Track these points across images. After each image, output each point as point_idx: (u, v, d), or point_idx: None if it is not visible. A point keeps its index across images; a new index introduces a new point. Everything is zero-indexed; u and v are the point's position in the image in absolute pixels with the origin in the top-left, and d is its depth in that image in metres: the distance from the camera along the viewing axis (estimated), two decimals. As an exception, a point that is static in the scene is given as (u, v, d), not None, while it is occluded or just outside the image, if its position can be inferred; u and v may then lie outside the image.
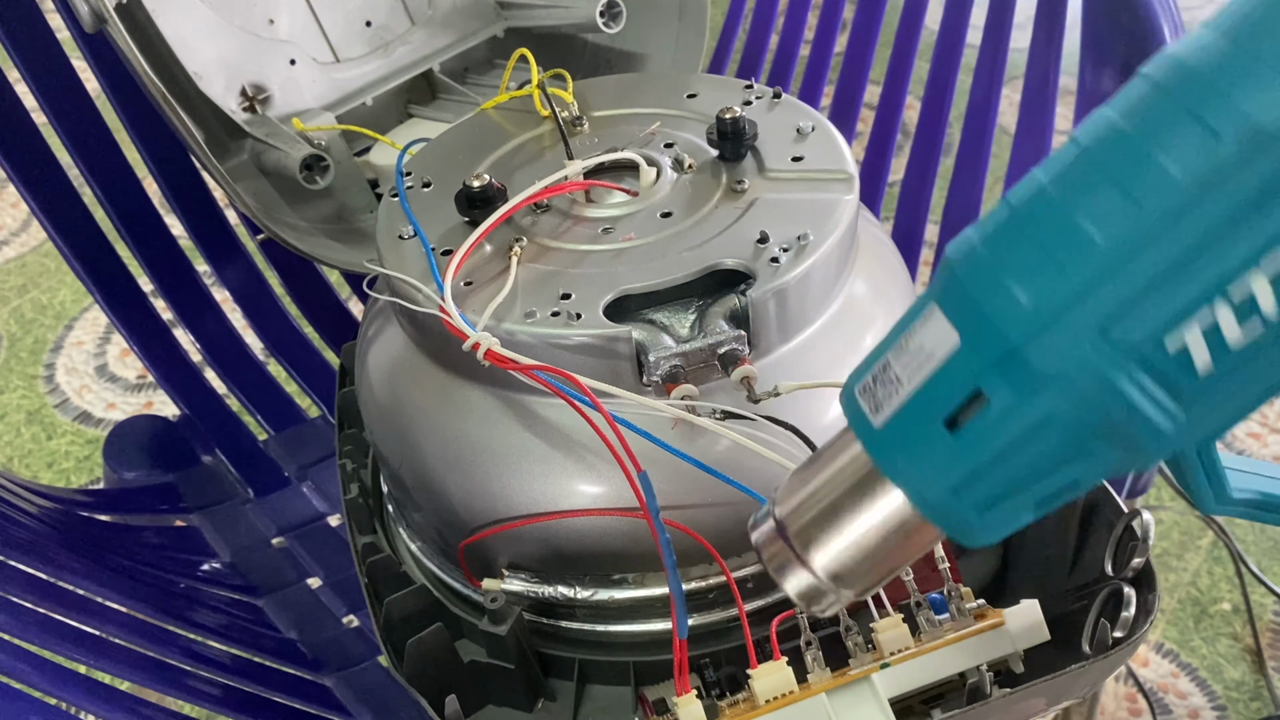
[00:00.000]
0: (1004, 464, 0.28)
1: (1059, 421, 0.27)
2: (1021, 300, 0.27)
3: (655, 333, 0.45)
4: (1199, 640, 0.96)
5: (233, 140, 0.70)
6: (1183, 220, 0.25)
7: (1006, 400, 0.27)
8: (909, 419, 0.30)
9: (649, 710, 0.47)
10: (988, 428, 0.28)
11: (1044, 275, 0.27)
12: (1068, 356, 0.26)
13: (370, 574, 0.52)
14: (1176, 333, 0.25)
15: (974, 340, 0.28)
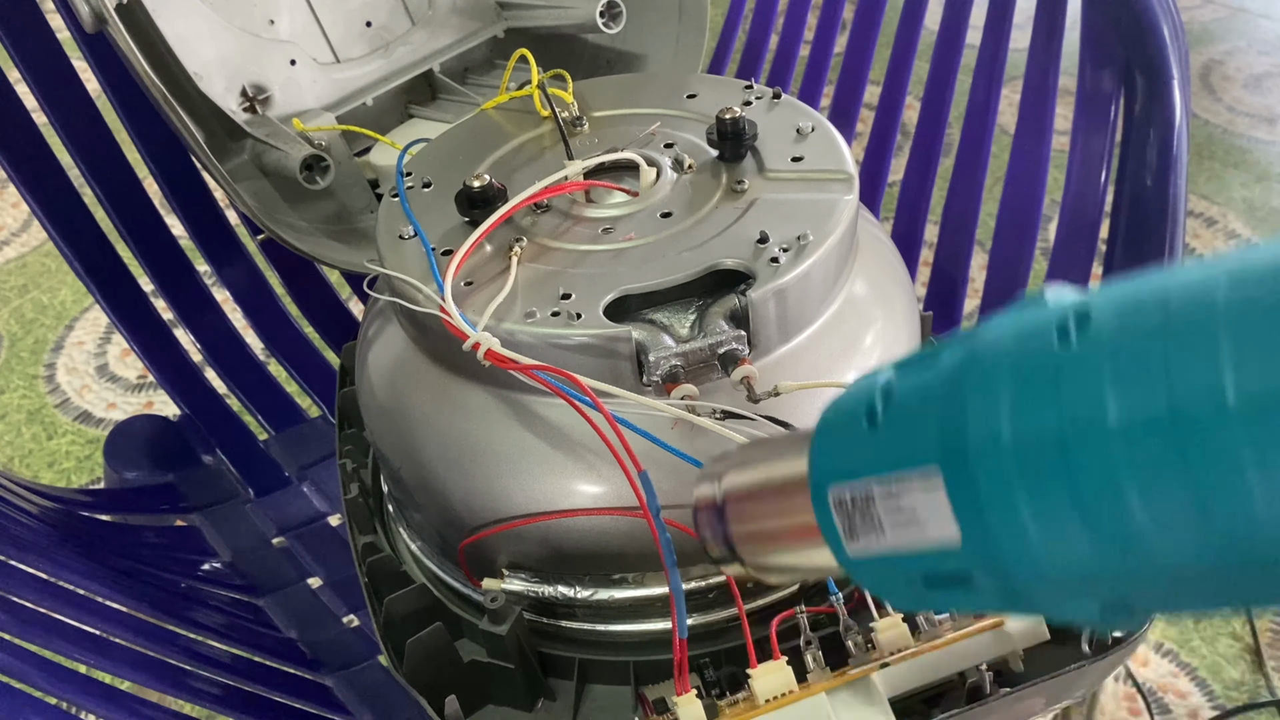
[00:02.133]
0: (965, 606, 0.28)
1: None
2: (1041, 559, 0.24)
3: (655, 333, 0.45)
4: (1199, 640, 0.96)
5: (233, 140, 0.70)
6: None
7: (990, 597, 0.27)
8: (883, 567, 0.29)
9: (649, 710, 0.47)
10: (964, 599, 0.27)
11: (1073, 548, 0.23)
12: (1064, 607, 0.25)
13: (370, 574, 0.52)
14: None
15: (976, 554, 0.26)
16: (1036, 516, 0.24)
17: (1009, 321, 0.26)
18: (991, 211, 0.84)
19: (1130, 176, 0.74)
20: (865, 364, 0.49)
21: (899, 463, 0.27)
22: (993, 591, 0.26)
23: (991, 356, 0.25)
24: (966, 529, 0.25)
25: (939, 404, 0.26)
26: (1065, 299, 0.25)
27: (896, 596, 0.29)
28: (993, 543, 0.25)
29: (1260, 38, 1.78)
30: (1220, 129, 1.57)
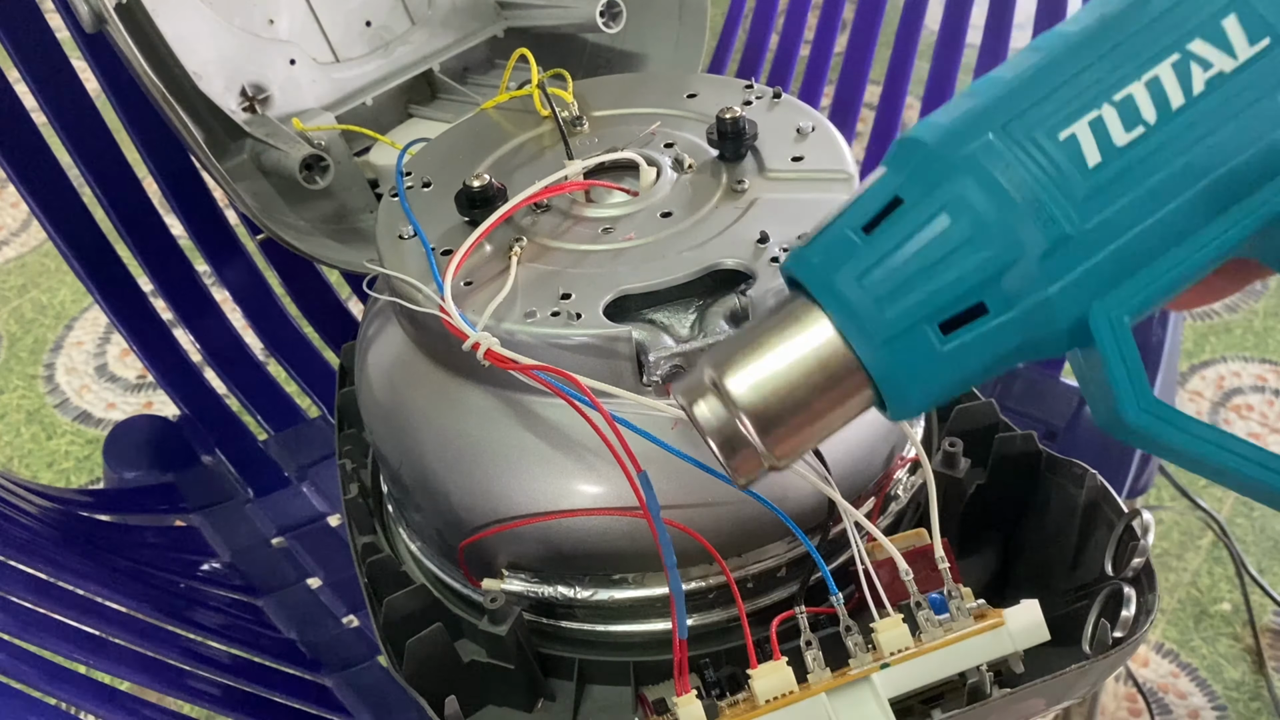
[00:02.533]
0: (906, 248, 0.30)
1: (960, 206, 0.29)
2: (941, 120, 0.31)
3: (655, 333, 0.45)
4: (1199, 640, 0.96)
5: (233, 140, 0.70)
6: (1074, 48, 0.30)
7: (916, 195, 0.30)
8: (830, 231, 0.32)
9: (649, 710, 0.47)
10: (896, 220, 0.30)
11: (961, 105, 0.31)
12: (971, 144, 0.29)
13: (370, 574, 0.52)
14: (1068, 126, 0.29)
15: (897, 162, 0.31)
16: (942, 112, 0.31)
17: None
18: (991, 211, 0.83)
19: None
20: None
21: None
22: (915, 188, 0.30)
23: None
24: (890, 160, 0.31)
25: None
26: None
27: (839, 260, 0.31)
28: (909, 143, 0.31)
29: (1260, 38, 1.78)
30: (1220, 129, 1.56)
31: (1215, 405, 1.17)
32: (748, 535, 0.46)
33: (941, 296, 0.30)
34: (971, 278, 0.29)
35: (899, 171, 0.31)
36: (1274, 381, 1.19)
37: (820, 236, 0.32)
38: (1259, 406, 1.16)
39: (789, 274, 0.33)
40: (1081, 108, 0.29)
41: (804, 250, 0.32)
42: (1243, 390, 1.18)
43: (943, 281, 0.30)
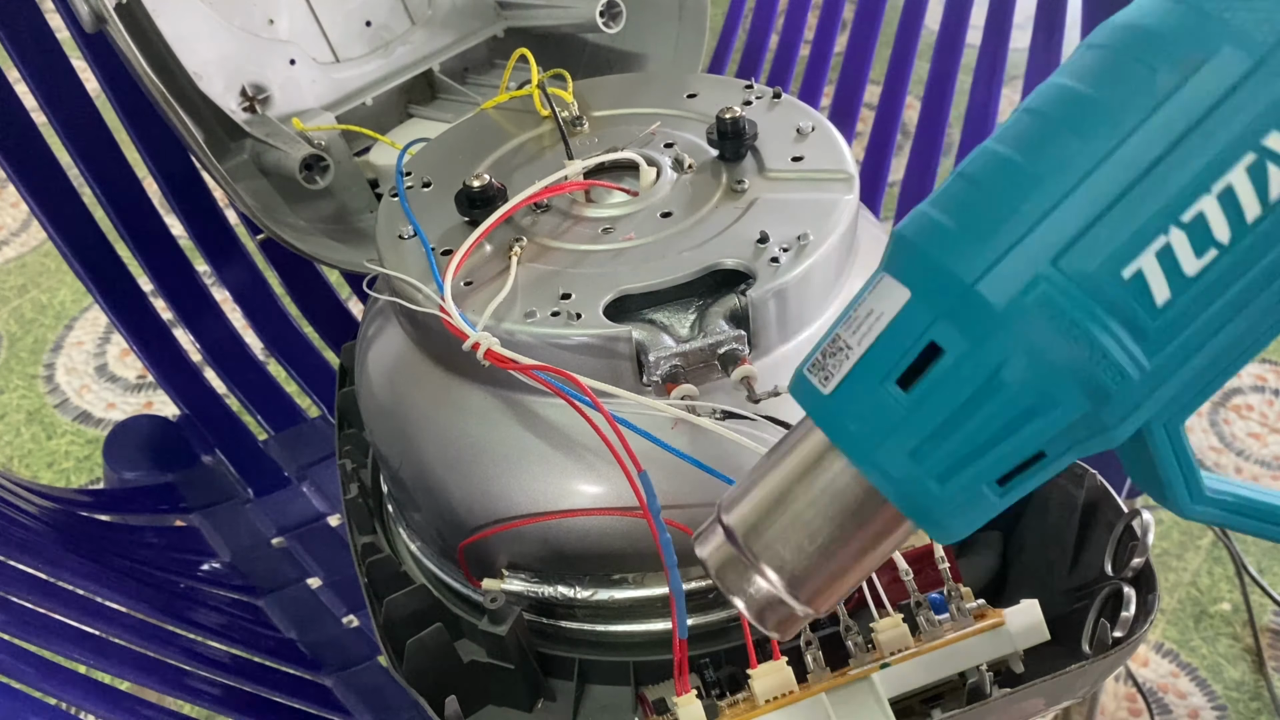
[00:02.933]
0: (963, 421, 0.27)
1: (1017, 367, 0.26)
2: (969, 240, 0.27)
3: (655, 333, 0.45)
4: (1199, 640, 0.96)
5: (233, 140, 0.70)
6: (1125, 148, 0.25)
7: (961, 348, 0.27)
8: (859, 380, 0.28)
9: (649, 710, 0.47)
10: (943, 381, 0.27)
11: (993, 216, 0.26)
12: (1021, 287, 0.26)
13: (370, 574, 0.52)
14: (1131, 261, 0.25)
15: (925, 290, 0.27)
16: (952, 214, 0.28)
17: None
18: (991, 211, 0.83)
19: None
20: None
21: (854, 304, 0.30)
22: (960, 340, 0.27)
23: (917, 211, 0.30)
24: (911, 277, 0.28)
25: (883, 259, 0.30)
26: None
27: (880, 427, 0.28)
28: (931, 263, 0.27)
29: (1260, 38, 1.78)
30: (1220, 129, 1.56)
31: (1215, 405, 1.17)
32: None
33: (1003, 464, 0.27)
34: (1035, 441, 0.27)
35: (927, 304, 0.27)
36: (1274, 381, 1.19)
37: (849, 388, 0.29)
38: (1259, 406, 1.16)
39: (811, 417, 0.30)
40: (1146, 236, 0.25)
41: (832, 405, 0.29)
42: (1242, 390, 1.18)
43: (1005, 450, 0.27)
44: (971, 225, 0.27)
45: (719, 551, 0.32)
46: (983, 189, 0.27)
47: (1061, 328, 0.26)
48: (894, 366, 0.28)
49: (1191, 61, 0.25)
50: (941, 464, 0.28)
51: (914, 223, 0.29)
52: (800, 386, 0.30)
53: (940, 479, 0.28)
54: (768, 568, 0.31)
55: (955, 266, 0.26)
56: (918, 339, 0.27)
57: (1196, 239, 0.25)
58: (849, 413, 0.29)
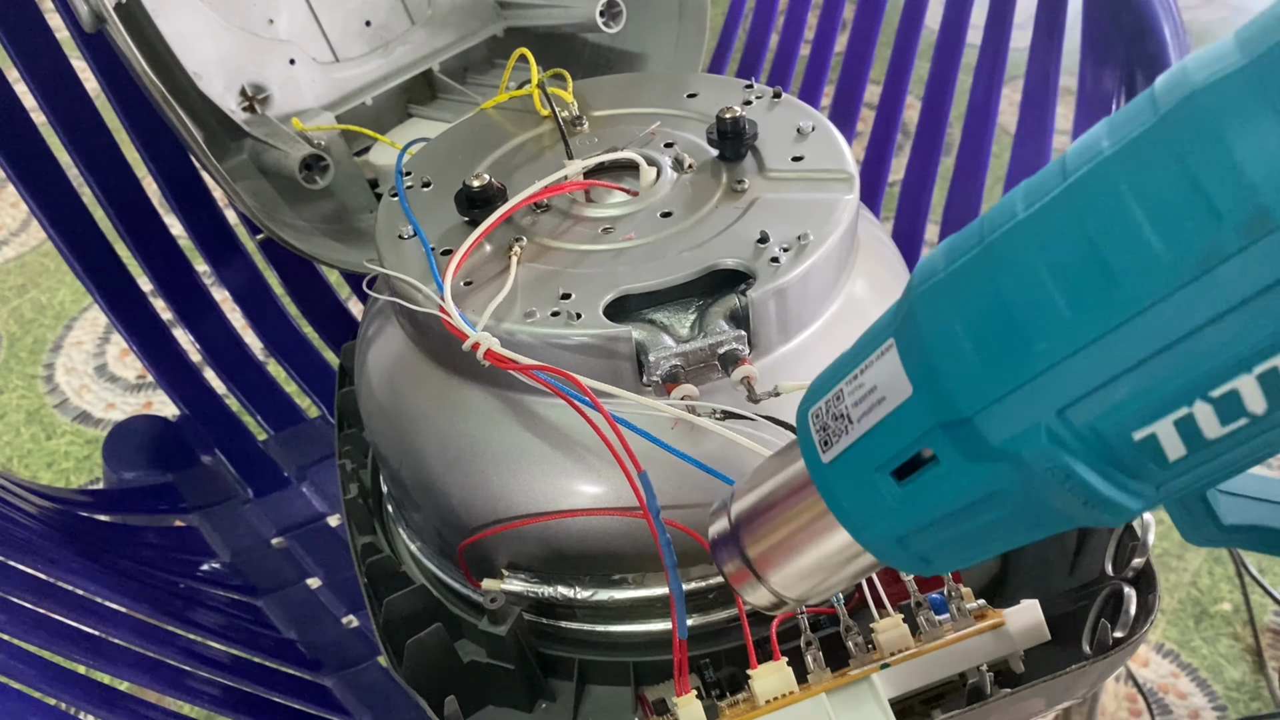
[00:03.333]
0: (952, 525, 0.27)
1: (1010, 495, 0.25)
2: (974, 366, 0.24)
3: (655, 333, 0.45)
4: (1199, 640, 0.96)
5: (233, 140, 0.70)
6: (1162, 309, 0.22)
7: (956, 465, 0.26)
8: (856, 463, 0.28)
9: (649, 710, 0.47)
10: (935, 486, 0.26)
11: (1002, 340, 0.24)
12: (1020, 436, 0.24)
13: (370, 574, 0.52)
14: (1147, 426, 0.23)
15: (927, 397, 0.26)
16: (965, 321, 0.25)
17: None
18: (992, 211, 0.83)
19: (1130, 176, 0.74)
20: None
21: (862, 355, 0.29)
22: (955, 456, 0.25)
23: (932, 252, 0.27)
24: (915, 375, 0.26)
25: (896, 302, 0.28)
26: None
27: (873, 511, 0.28)
28: (935, 373, 0.25)
29: (1260, 38, 1.78)
30: (1220, 129, 1.56)
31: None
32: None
33: (992, 552, 0.28)
34: (1018, 540, 0.27)
35: (927, 410, 0.26)
36: None
37: (845, 466, 0.29)
38: None
39: (810, 475, 0.30)
40: (1168, 405, 0.22)
41: (830, 475, 0.29)
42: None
43: (995, 545, 0.28)
44: (982, 347, 0.24)
45: (720, 533, 0.35)
46: (1005, 308, 0.24)
47: (1057, 477, 0.24)
48: (889, 460, 0.27)
49: (1261, 225, 0.20)
50: (929, 550, 0.28)
51: (923, 283, 0.26)
52: (803, 430, 0.30)
53: (926, 560, 0.29)
54: (764, 572, 0.33)
55: (957, 393, 0.25)
56: (914, 442, 0.26)
57: (1225, 411, 0.22)
58: (844, 489, 0.29)
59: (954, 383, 0.25)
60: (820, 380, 0.31)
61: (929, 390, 0.26)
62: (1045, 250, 0.23)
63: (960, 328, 0.25)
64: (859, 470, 0.28)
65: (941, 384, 0.25)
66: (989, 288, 0.24)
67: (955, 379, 0.25)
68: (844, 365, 0.30)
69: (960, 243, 0.26)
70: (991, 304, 0.24)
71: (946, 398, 0.25)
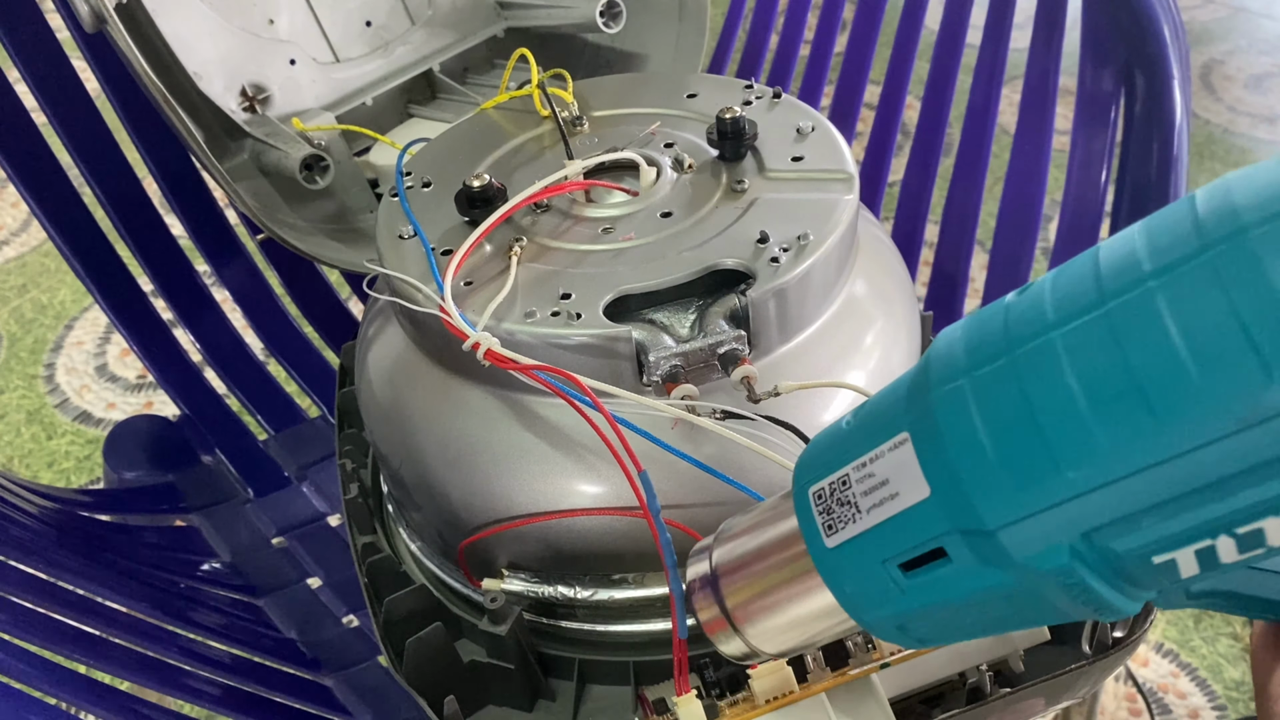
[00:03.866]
0: (956, 615, 0.27)
1: (1019, 594, 0.26)
2: (1002, 483, 0.24)
3: (655, 333, 0.45)
4: (1199, 640, 0.96)
5: (233, 140, 0.70)
6: (1203, 455, 0.22)
7: (970, 567, 0.26)
8: (862, 553, 0.28)
9: (649, 710, 0.47)
10: (945, 584, 0.26)
11: (1033, 462, 0.24)
12: (1042, 554, 0.24)
13: (370, 574, 0.52)
14: (1167, 554, 0.23)
15: (945, 502, 0.26)
16: (994, 437, 0.24)
17: (962, 319, 0.27)
18: (992, 211, 0.84)
19: (1131, 176, 0.74)
20: (866, 364, 0.49)
21: (872, 441, 0.28)
22: (969, 558, 0.26)
23: (949, 333, 0.27)
24: (935, 479, 0.26)
25: (908, 385, 0.27)
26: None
27: (875, 597, 0.28)
28: (959, 483, 0.25)
29: (1260, 38, 1.79)
30: (1221, 129, 1.57)
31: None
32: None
33: (983, 634, 0.28)
34: (1015, 627, 0.27)
35: (944, 514, 0.26)
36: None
37: (851, 553, 0.28)
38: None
39: (810, 556, 0.30)
40: (1192, 538, 0.23)
41: (832, 560, 0.29)
42: None
43: (988, 629, 0.28)
44: (1012, 466, 0.24)
45: (702, 597, 0.35)
46: (1037, 430, 0.23)
47: (1071, 590, 0.24)
48: (898, 554, 0.27)
49: None
50: (926, 634, 0.28)
51: (944, 380, 0.26)
52: (801, 504, 0.30)
53: (921, 640, 0.29)
54: (742, 627, 0.34)
55: (982, 506, 0.25)
56: (927, 541, 0.26)
57: (1246, 543, 0.23)
58: (846, 575, 0.29)
59: (979, 496, 0.25)
60: (821, 454, 0.30)
61: (949, 497, 0.25)
62: (1082, 376, 0.23)
63: (988, 442, 0.24)
64: (865, 560, 0.28)
65: (965, 495, 0.25)
66: (1020, 405, 0.24)
67: (981, 493, 0.25)
68: (849, 444, 0.29)
69: (984, 340, 0.25)
70: (1023, 422, 0.24)
71: (969, 509, 0.25)
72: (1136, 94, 0.73)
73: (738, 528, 0.34)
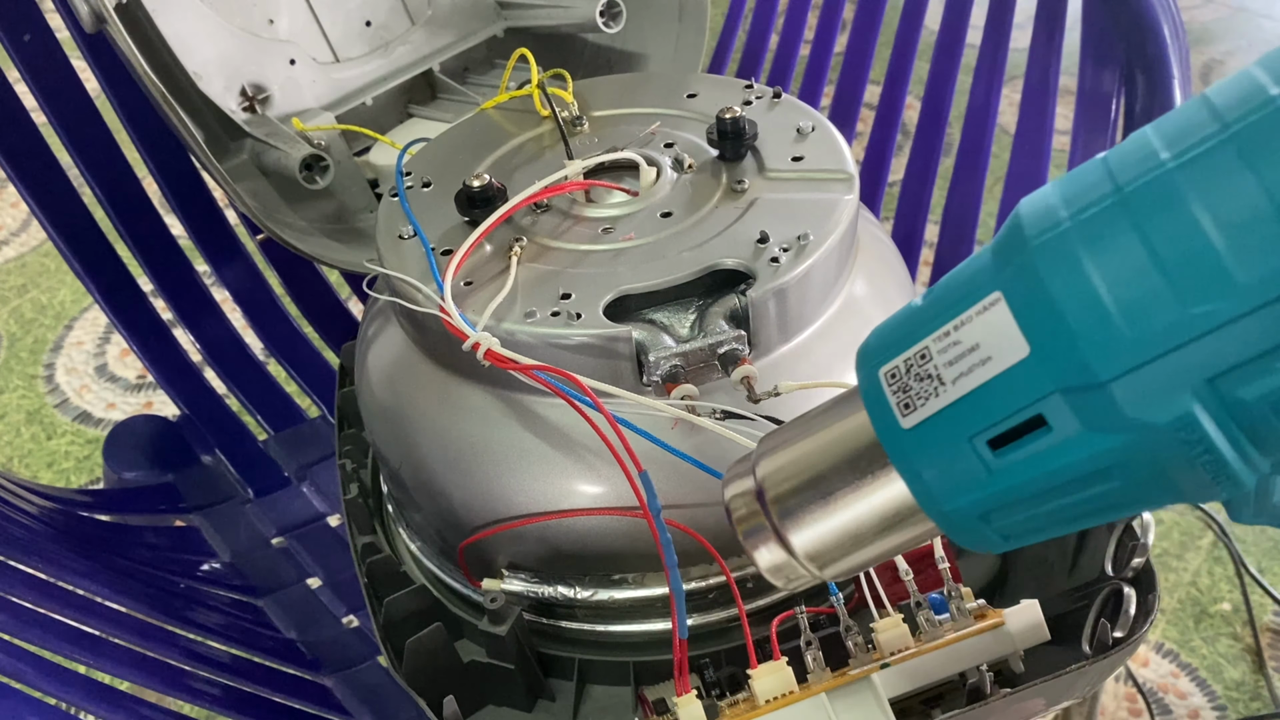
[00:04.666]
0: (1050, 499, 0.25)
1: (1130, 468, 0.23)
2: (1118, 327, 0.22)
3: (655, 333, 0.45)
4: (1199, 640, 0.96)
5: (233, 140, 0.70)
6: None
7: (1073, 435, 0.23)
8: (946, 430, 0.25)
9: (649, 710, 0.47)
10: (1043, 459, 0.24)
11: (1154, 300, 0.22)
12: (1160, 405, 0.22)
13: (370, 574, 0.52)
14: None
15: (1049, 358, 0.23)
16: (1108, 278, 0.22)
17: (1048, 184, 0.25)
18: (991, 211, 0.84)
19: (1131, 176, 0.74)
20: (865, 364, 0.49)
21: (954, 308, 0.25)
22: (1073, 423, 0.23)
23: (1038, 195, 0.24)
24: (1035, 333, 0.23)
25: (992, 249, 0.25)
26: None
27: (959, 483, 0.25)
28: (1067, 333, 0.23)
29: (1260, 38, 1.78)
30: (1220, 129, 1.56)
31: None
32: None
33: (1075, 528, 0.25)
34: (1113, 516, 0.25)
35: (1047, 373, 0.23)
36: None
37: (932, 432, 0.25)
38: None
39: (881, 442, 0.27)
40: None
41: (909, 443, 0.26)
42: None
43: (1084, 521, 0.25)
44: (1130, 307, 0.22)
45: (745, 506, 0.30)
46: (1159, 265, 0.22)
47: (1193, 450, 0.22)
48: (989, 427, 0.24)
49: None
50: (1012, 528, 0.26)
51: (1044, 232, 0.23)
52: (871, 388, 0.27)
53: (1004, 536, 0.26)
54: (792, 539, 0.29)
55: (1093, 356, 0.22)
56: (1025, 407, 0.24)
57: None
58: (926, 458, 0.26)
59: (1091, 345, 0.22)
60: (889, 335, 0.27)
61: (1054, 351, 0.23)
62: (1210, 205, 0.21)
63: (1101, 285, 0.22)
64: (949, 438, 0.25)
65: (1075, 346, 0.23)
66: (1137, 242, 0.22)
67: (1093, 341, 0.22)
68: (925, 318, 0.26)
69: (1083, 188, 0.23)
70: (1141, 260, 0.22)
71: (1078, 360, 0.23)
72: (1137, 94, 0.73)
73: (786, 435, 0.30)
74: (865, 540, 0.29)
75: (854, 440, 0.28)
